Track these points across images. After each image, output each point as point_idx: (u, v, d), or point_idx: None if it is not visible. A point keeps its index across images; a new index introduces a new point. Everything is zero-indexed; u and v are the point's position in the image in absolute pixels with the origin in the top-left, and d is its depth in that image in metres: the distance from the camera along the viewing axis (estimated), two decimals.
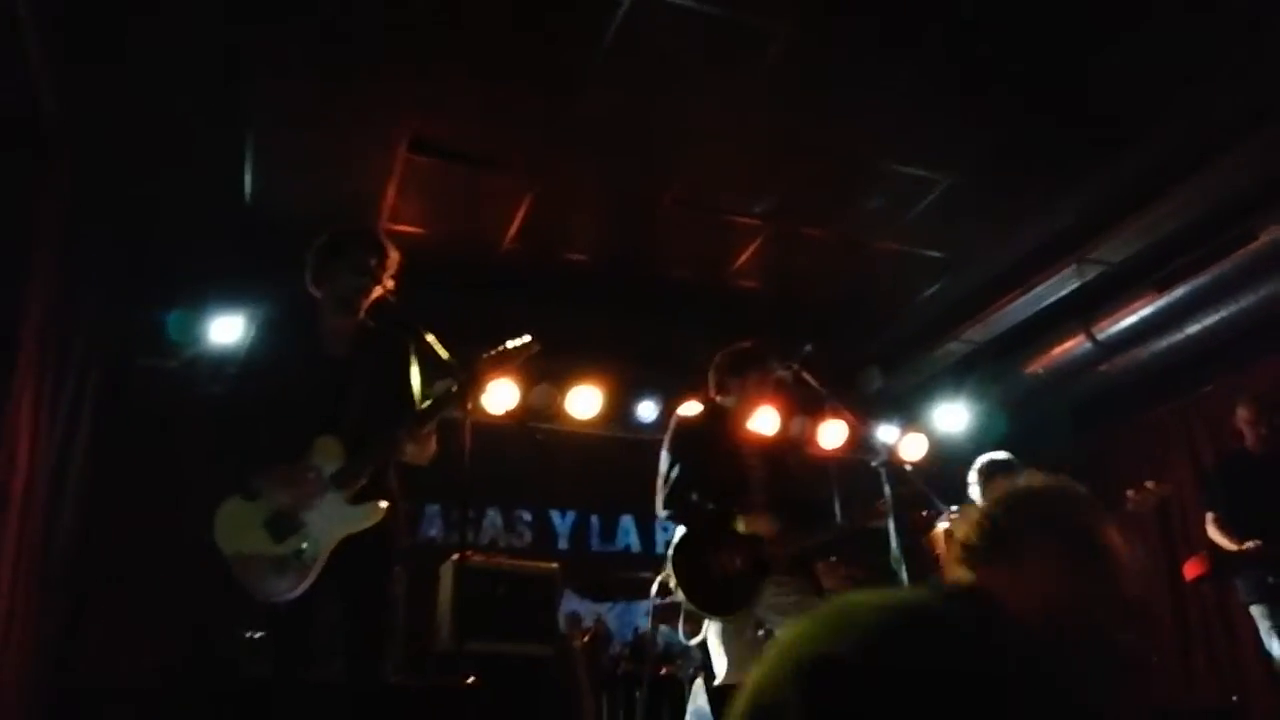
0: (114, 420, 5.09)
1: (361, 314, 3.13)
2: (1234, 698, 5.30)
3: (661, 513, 3.70)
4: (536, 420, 6.08)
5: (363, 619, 2.91)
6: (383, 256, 3.13)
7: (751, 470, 3.74)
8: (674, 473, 3.69)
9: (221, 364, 5.22)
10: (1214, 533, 4.54)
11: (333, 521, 2.85)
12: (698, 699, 2.04)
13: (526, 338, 3.09)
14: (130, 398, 5.24)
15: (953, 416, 6.87)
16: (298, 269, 3.25)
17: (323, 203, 4.88)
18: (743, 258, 5.86)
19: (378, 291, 3.08)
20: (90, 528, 4.79)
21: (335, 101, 4.39)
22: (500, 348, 3.08)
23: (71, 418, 4.59)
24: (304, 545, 2.82)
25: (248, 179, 4.84)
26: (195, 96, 4.27)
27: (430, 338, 2.98)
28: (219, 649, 4.16)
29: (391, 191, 4.95)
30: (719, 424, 3.82)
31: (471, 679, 2.21)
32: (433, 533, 6.12)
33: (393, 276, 3.14)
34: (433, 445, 3.01)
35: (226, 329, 5.22)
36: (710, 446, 3.73)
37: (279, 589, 2.79)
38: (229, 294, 5.24)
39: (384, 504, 2.90)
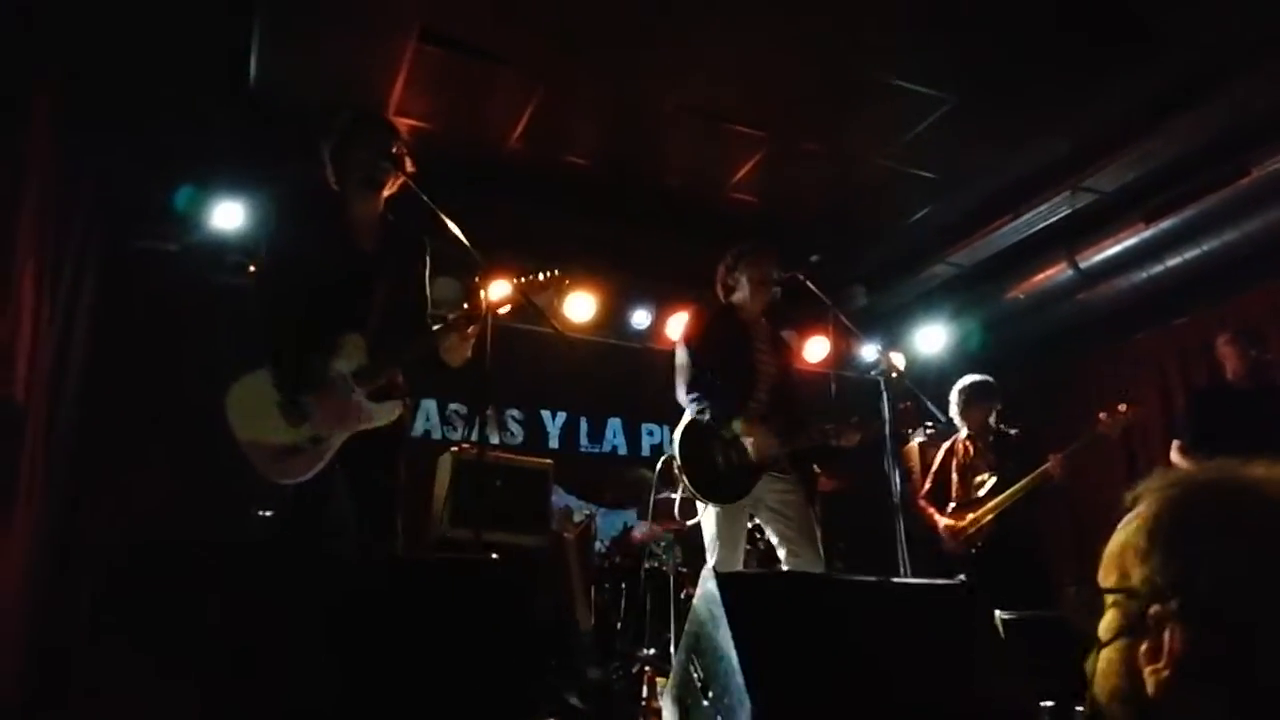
0: (114, 301, 5.11)
1: (383, 203, 3.15)
2: None
3: (685, 398, 3.79)
4: (530, 323, 6.15)
5: (373, 502, 3.01)
6: (400, 140, 3.12)
7: (762, 365, 3.86)
8: (691, 361, 3.80)
9: (222, 249, 5.22)
10: (1177, 459, 4.72)
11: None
12: (707, 583, 2.19)
13: (556, 270, 3.15)
14: (130, 279, 5.24)
15: (933, 338, 7.05)
16: (301, 156, 3.25)
17: (328, 91, 4.81)
18: (741, 171, 5.89)
19: (399, 178, 3.08)
20: (92, 407, 4.85)
21: None
22: (530, 277, 3.15)
23: (72, 296, 4.61)
24: (320, 433, 2.88)
25: (253, 63, 4.76)
26: None
27: (454, 230, 3.00)
28: (224, 527, 4.28)
29: (399, 83, 4.89)
30: (730, 320, 3.94)
31: (494, 555, 2.35)
32: (428, 427, 6.25)
33: (411, 159, 3.12)
34: (468, 350, 3.06)
35: (228, 214, 5.21)
36: (724, 340, 3.85)
37: (290, 473, 2.85)
38: (231, 179, 5.21)
39: (398, 404, 3.00)
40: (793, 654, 2.07)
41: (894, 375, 3.44)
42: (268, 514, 3.67)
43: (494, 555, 2.35)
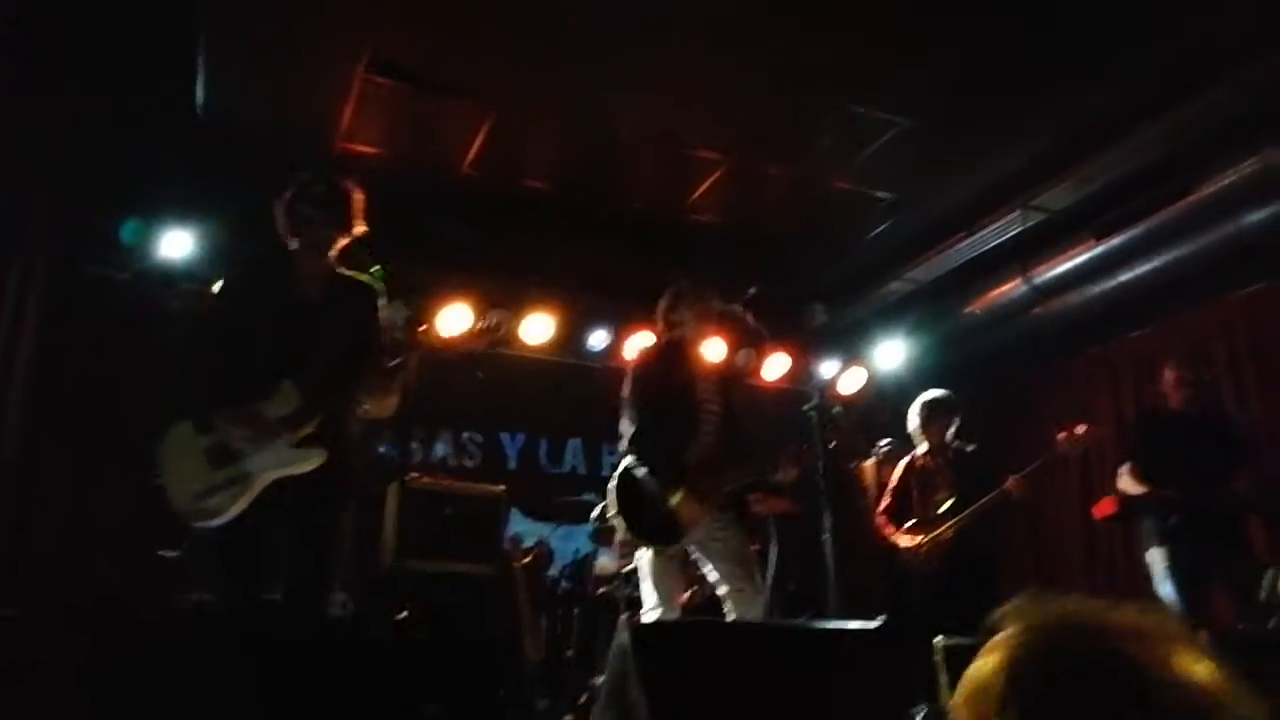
0: (59, 325, 5.08)
1: (333, 259, 3.20)
2: None
3: (623, 447, 3.78)
4: (490, 345, 6.17)
5: (308, 552, 3.01)
6: (350, 203, 3.17)
7: (704, 406, 3.83)
8: (634, 409, 3.78)
9: (170, 277, 5.19)
10: (1126, 482, 4.74)
11: (271, 460, 2.93)
12: (621, 634, 2.19)
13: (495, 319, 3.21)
14: (76, 305, 5.20)
15: (892, 353, 7.09)
16: (249, 183, 3.31)
17: (277, 118, 4.81)
18: (699, 191, 5.90)
19: (346, 239, 3.16)
20: (35, 430, 4.81)
21: (293, 14, 4.30)
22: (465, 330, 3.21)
23: (16, 318, 4.59)
24: (234, 477, 2.89)
25: (199, 89, 4.74)
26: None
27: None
28: (161, 571, 4.23)
29: (349, 110, 4.89)
30: (672, 360, 3.92)
31: (404, 613, 2.36)
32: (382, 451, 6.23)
33: (362, 219, 3.19)
34: (393, 402, 3.10)
35: (176, 242, 5.18)
36: (668, 381, 3.82)
37: (207, 514, 2.87)
38: (179, 206, 5.18)
39: (323, 452, 2.97)
40: (706, 705, 2.07)
41: (829, 406, 3.44)
42: (172, 554, 3.66)
43: (403, 614, 2.34)
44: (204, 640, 2.36)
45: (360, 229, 3.14)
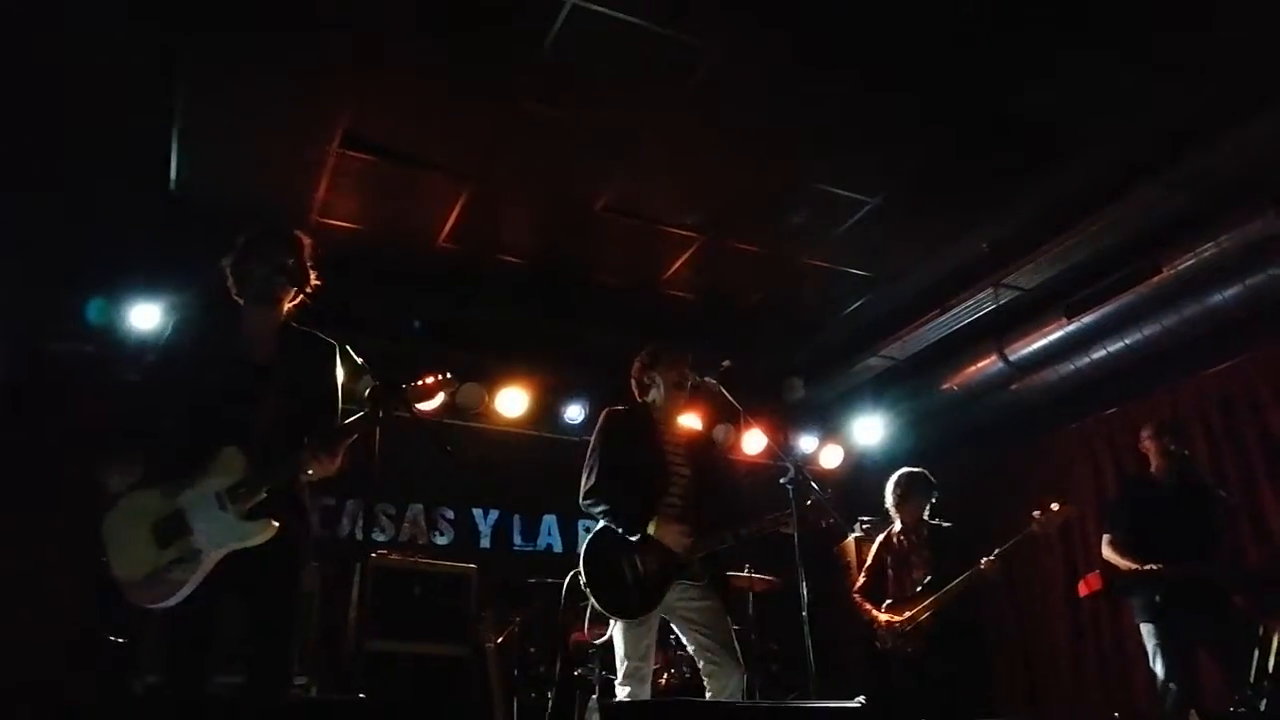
0: (23, 400, 4.97)
1: (283, 315, 3.06)
2: (1115, 714, 5.52)
3: (583, 502, 3.72)
4: (462, 419, 6.10)
5: (266, 629, 2.83)
6: (298, 254, 3.02)
7: (674, 467, 3.77)
8: (597, 464, 3.72)
9: (139, 351, 5.12)
10: (1109, 553, 4.70)
11: (221, 535, 2.74)
12: (592, 716, 2.08)
13: (447, 374, 3.08)
14: (42, 378, 5.11)
15: (871, 428, 7.07)
16: (221, 259, 3.19)
17: (251, 192, 4.81)
18: (674, 267, 5.94)
19: (298, 296, 3.01)
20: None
21: (268, 90, 4.33)
22: (421, 382, 3.06)
23: None
24: (184, 555, 2.71)
25: (174, 164, 4.75)
26: (122, 75, 4.17)
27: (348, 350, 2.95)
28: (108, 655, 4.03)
29: (323, 185, 4.90)
30: (645, 421, 3.87)
31: (361, 695, 2.23)
32: (352, 529, 6.07)
33: (315, 270, 3.04)
34: (338, 462, 2.88)
35: (145, 315, 5.13)
36: (635, 441, 3.77)
37: (156, 596, 2.69)
38: (149, 280, 5.15)
39: (275, 523, 2.78)
40: None
41: (804, 480, 3.38)
42: (120, 640, 3.45)
43: (361, 695, 2.22)
44: None
45: (314, 281, 2.98)
